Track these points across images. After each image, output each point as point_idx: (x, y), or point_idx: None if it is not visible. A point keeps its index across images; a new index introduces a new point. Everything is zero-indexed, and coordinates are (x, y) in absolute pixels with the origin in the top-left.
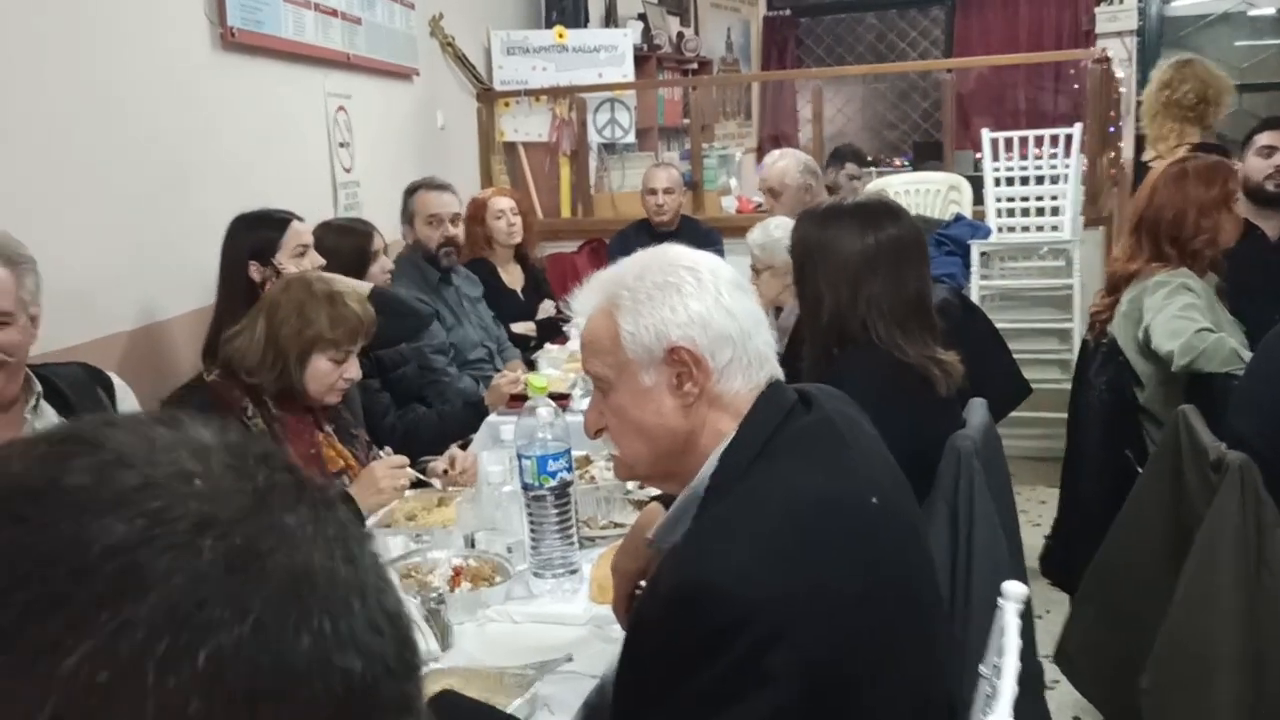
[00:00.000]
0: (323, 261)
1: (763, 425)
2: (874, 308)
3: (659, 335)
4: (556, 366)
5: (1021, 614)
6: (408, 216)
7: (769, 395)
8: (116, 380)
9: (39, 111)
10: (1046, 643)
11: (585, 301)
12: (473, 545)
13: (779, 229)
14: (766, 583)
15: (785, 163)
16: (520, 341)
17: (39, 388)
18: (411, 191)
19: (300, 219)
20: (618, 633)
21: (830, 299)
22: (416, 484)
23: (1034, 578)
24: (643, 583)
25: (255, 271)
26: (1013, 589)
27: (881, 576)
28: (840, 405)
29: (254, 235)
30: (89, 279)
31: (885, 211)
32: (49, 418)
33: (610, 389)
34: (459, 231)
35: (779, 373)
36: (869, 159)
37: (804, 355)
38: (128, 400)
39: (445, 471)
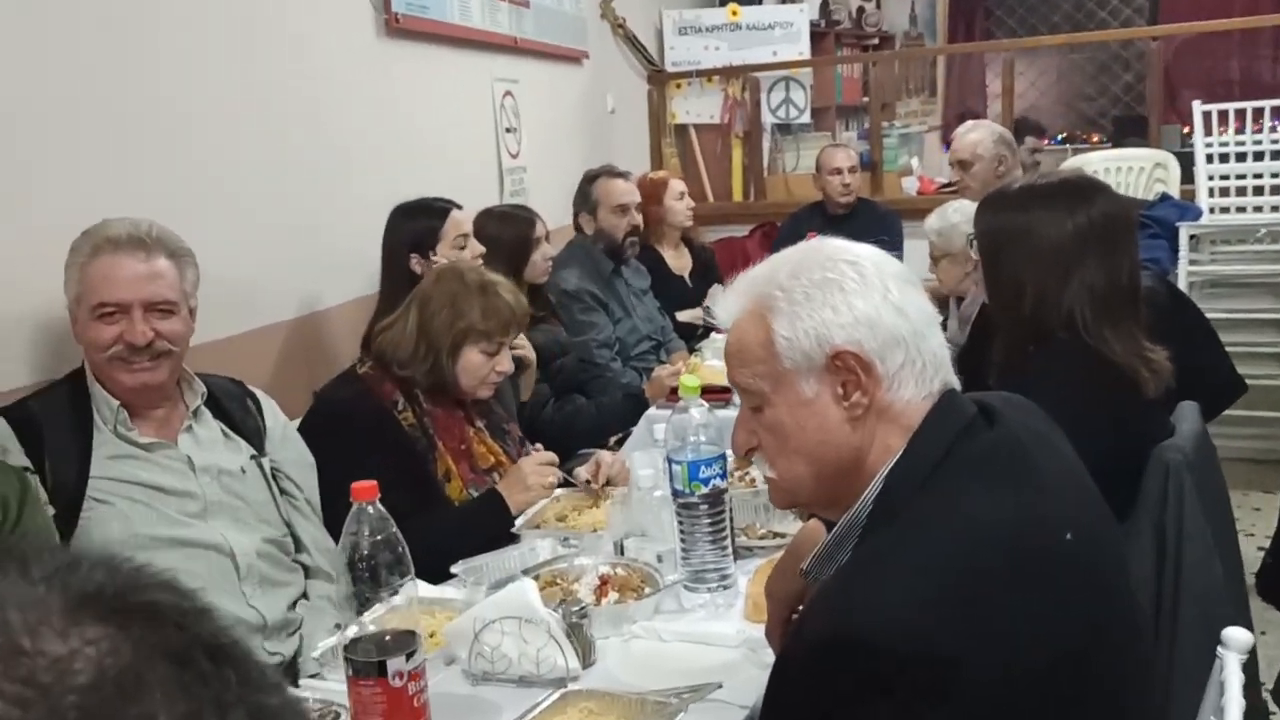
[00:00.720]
0: (483, 250)
1: (936, 441)
2: (1084, 297)
3: (820, 339)
4: (721, 358)
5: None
6: (589, 205)
7: (944, 406)
8: (261, 395)
9: (205, 103)
10: (1263, 669)
11: (731, 306)
12: (622, 552)
13: (957, 213)
14: (929, 636)
15: (978, 134)
16: (686, 330)
17: (202, 390)
18: (592, 179)
19: (459, 207)
20: (773, 659)
21: (1033, 288)
22: (564, 484)
23: (1249, 595)
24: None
25: (416, 264)
26: (1236, 637)
27: (1073, 633)
28: (1029, 419)
29: (414, 225)
30: (251, 269)
31: (1091, 187)
32: (211, 427)
33: (764, 403)
34: (640, 219)
35: (954, 380)
36: (1062, 135)
37: (995, 351)
38: (273, 414)
39: (588, 481)
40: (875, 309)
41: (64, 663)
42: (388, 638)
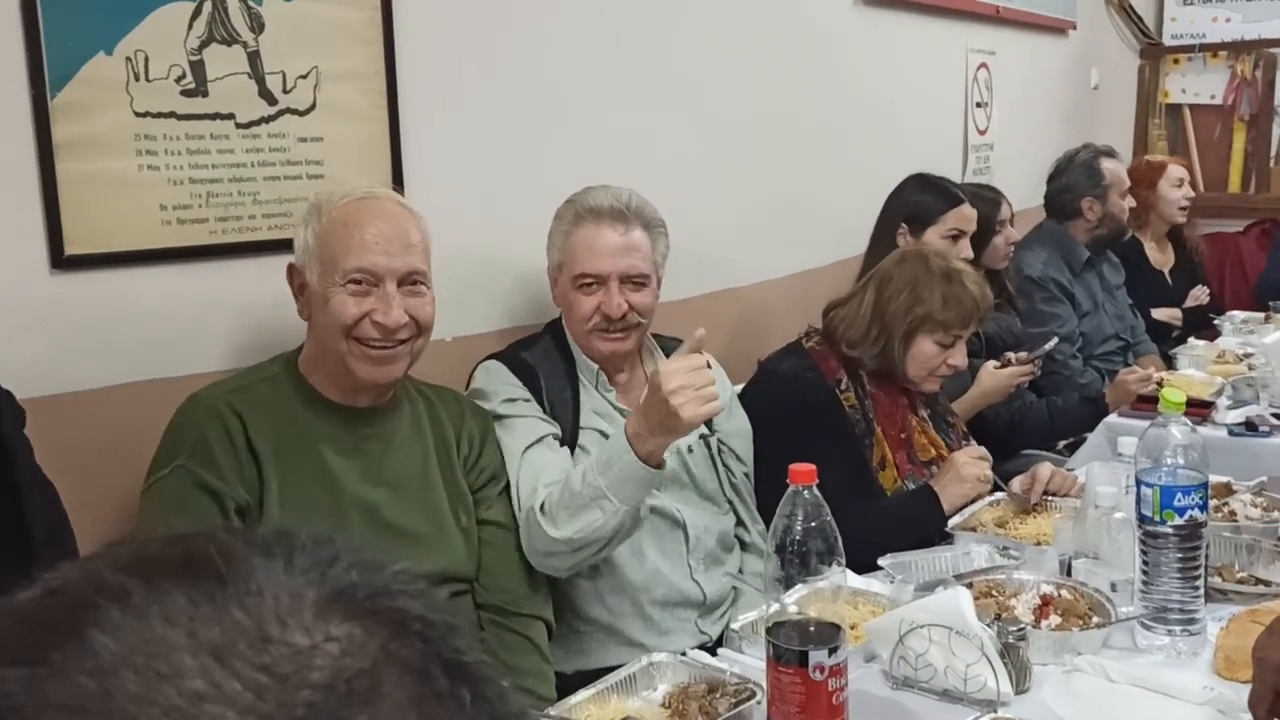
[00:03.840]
0: (970, 255)
1: None
2: None
3: None
4: (1200, 367)
5: None
6: (1098, 188)
7: None
8: (713, 361)
9: (689, 75)
10: None
11: None
12: (1069, 573)
13: None
14: None
15: None
16: (1160, 332)
17: (662, 358)
18: (1095, 158)
19: (966, 201)
20: None
21: None
22: (995, 487)
23: None
24: None
25: (901, 237)
26: None
27: None
28: None
29: (920, 199)
30: (721, 236)
31: None
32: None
33: None
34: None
35: None
36: None
37: None
38: (724, 383)
39: (1021, 494)
40: None
41: (304, 656)
42: (811, 627)
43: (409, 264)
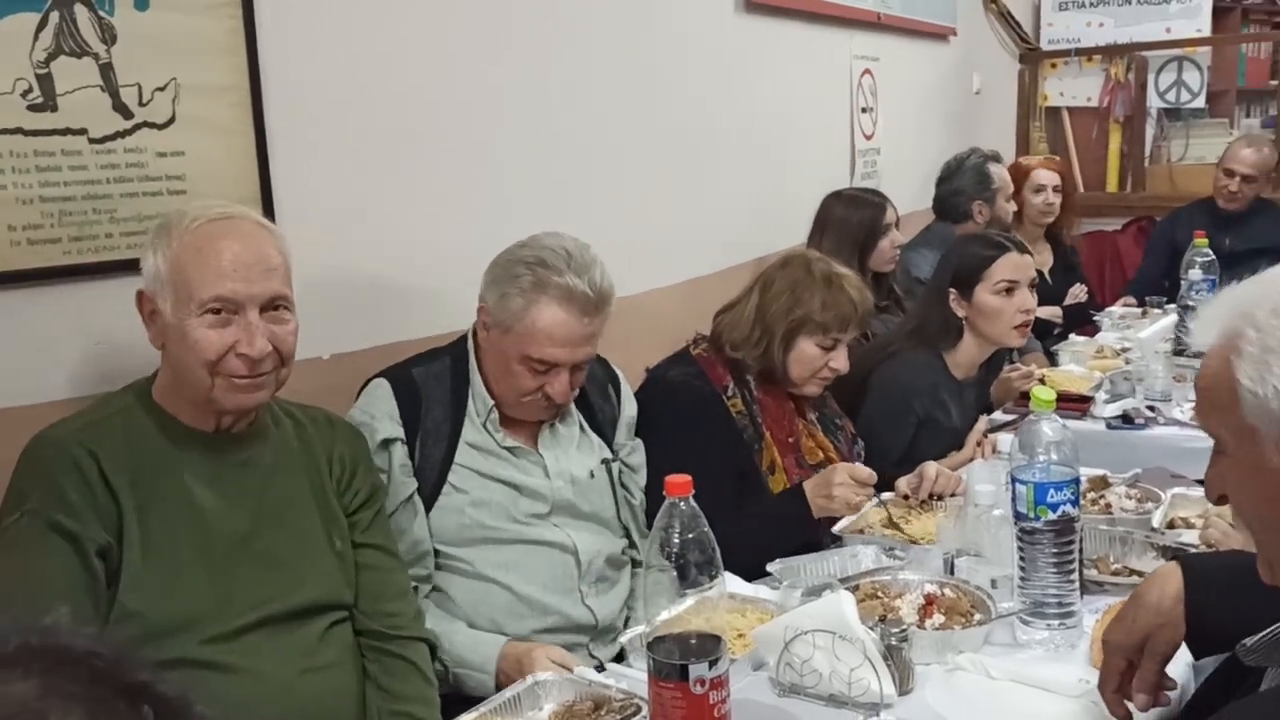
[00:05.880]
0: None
1: None
2: None
3: None
4: (1080, 363)
5: None
6: (987, 191)
7: None
8: (621, 378)
9: (571, 84)
10: None
11: (1204, 331)
12: (952, 571)
13: None
14: None
15: None
16: (1042, 329)
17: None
18: (986, 162)
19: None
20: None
21: None
22: (884, 489)
23: None
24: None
25: (955, 303)
26: None
27: None
28: None
29: (961, 253)
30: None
31: None
32: (571, 423)
33: (1227, 453)
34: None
35: None
36: None
37: None
38: (629, 401)
39: (907, 496)
40: None
41: None
42: (692, 640)
43: (270, 289)
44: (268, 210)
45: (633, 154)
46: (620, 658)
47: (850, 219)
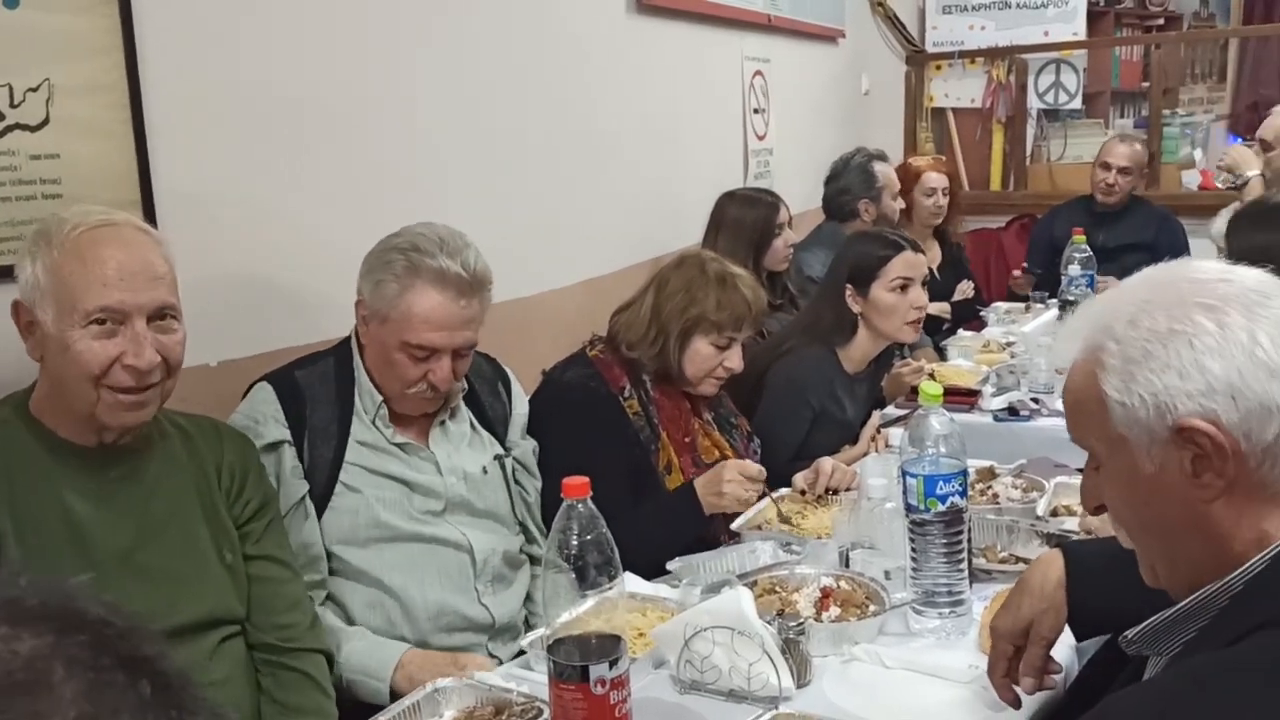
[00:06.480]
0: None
1: None
2: None
3: (1161, 409)
4: (967, 357)
5: None
6: (873, 190)
7: None
8: (512, 377)
9: (461, 85)
10: None
11: (1066, 347)
12: (847, 564)
13: None
14: None
15: None
16: (933, 325)
17: (464, 388)
18: (871, 161)
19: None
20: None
21: None
22: (779, 485)
23: None
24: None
25: (850, 299)
26: None
27: None
28: None
29: (857, 250)
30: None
31: None
32: (462, 421)
33: (1102, 464)
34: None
35: None
36: None
37: None
38: (520, 400)
39: (803, 491)
40: (1236, 372)
41: None
42: (593, 641)
43: (156, 298)
44: (148, 214)
45: (525, 155)
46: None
47: (744, 219)
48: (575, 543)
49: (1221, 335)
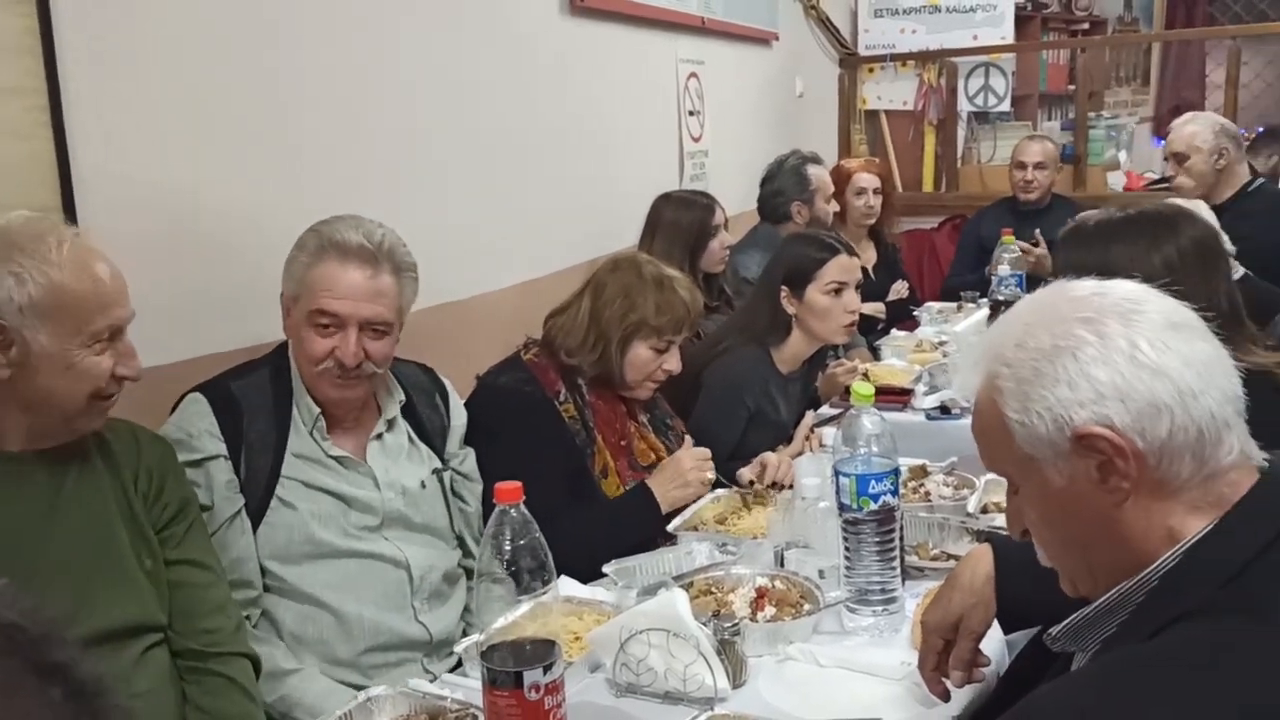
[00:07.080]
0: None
1: (1252, 531)
2: None
3: (1058, 421)
4: (901, 357)
5: None
6: (806, 192)
7: (1266, 486)
8: (449, 387)
9: (396, 87)
10: None
11: (965, 381)
12: (782, 564)
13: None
14: None
15: (1196, 126)
16: (867, 325)
17: (401, 398)
18: (804, 164)
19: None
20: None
21: None
22: (719, 484)
23: None
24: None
25: (786, 300)
26: None
27: None
28: None
29: (793, 252)
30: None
31: (1176, 216)
32: (400, 434)
33: (1018, 489)
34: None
35: (1253, 448)
36: None
37: None
38: (458, 411)
39: (751, 482)
40: (1121, 376)
41: None
42: (527, 647)
43: (130, 310)
44: (70, 218)
45: (459, 156)
46: (458, 667)
47: (680, 221)
48: (509, 548)
49: (1102, 344)
